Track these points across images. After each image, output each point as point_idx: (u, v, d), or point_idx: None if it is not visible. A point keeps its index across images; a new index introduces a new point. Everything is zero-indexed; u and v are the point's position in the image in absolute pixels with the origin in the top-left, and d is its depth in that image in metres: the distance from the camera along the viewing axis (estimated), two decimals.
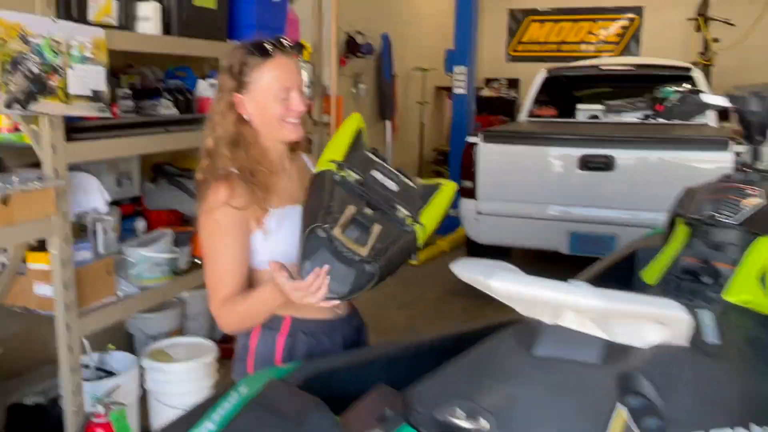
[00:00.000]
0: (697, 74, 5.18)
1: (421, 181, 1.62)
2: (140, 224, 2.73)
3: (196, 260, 2.72)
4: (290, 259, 1.44)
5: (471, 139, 4.23)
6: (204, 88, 2.91)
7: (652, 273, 1.51)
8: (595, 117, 5.46)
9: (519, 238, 4.23)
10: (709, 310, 1.27)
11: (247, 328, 1.59)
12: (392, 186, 1.52)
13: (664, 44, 8.63)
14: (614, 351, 0.98)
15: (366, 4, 5.91)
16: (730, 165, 3.65)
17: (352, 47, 5.51)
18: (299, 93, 1.56)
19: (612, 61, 6.05)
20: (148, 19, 2.33)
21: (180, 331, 3.32)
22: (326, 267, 1.34)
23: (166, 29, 2.45)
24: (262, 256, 1.56)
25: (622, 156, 3.85)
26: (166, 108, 2.55)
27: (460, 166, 4.42)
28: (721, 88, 5.23)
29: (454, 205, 1.69)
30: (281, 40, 1.56)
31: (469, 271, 1.00)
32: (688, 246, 1.50)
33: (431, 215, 1.53)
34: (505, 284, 1.00)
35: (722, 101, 1.58)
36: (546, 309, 1.03)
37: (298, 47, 1.60)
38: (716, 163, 3.68)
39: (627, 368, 0.97)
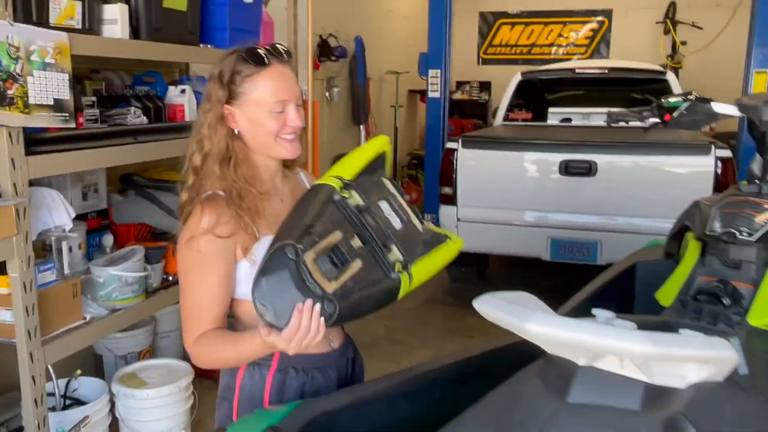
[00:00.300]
0: (671, 78, 5.19)
1: (430, 227, 1.48)
2: (108, 240, 2.57)
3: (169, 278, 2.57)
4: None
5: (450, 145, 4.13)
6: (175, 94, 2.76)
7: (667, 293, 1.43)
8: (568, 120, 5.44)
9: (500, 245, 4.15)
10: (736, 336, 1.19)
11: (226, 367, 1.47)
12: (396, 223, 1.37)
13: (633, 47, 8.69)
14: (654, 394, 0.88)
15: (339, 6, 5.79)
16: (712, 170, 3.63)
17: (325, 50, 5.38)
18: (296, 106, 1.42)
19: (586, 64, 6.03)
20: (115, 21, 2.18)
21: (151, 351, 3.16)
22: (308, 302, 1.18)
23: (134, 33, 2.29)
24: (247, 287, 1.43)
25: (604, 161, 3.80)
26: (135, 116, 2.39)
27: (437, 171, 4.33)
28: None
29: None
30: (277, 46, 1.43)
31: (497, 310, 0.89)
32: (702, 264, 1.41)
33: (425, 268, 1.38)
34: (546, 329, 0.89)
35: (732, 110, 1.50)
36: (582, 351, 0.92)
37: (288, 55, 1.46)
38: (699, 167, 3.66)
39: (670, 413, 0.87)
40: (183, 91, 2.76)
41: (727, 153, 3.62)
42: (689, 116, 1.51)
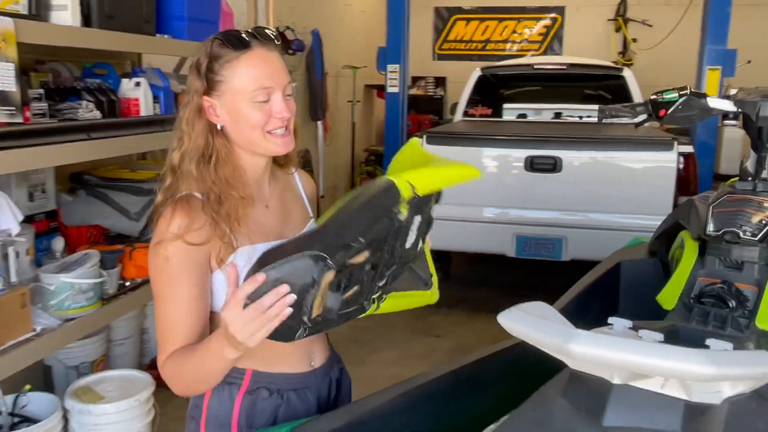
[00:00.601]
0: (629, 75, 5.24)
1: (427, 250, 1.36)
2: (58, 243, 2.39)
3: (126, 283, 2.41)
4: None
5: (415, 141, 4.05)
6: (129, 88, 2.59)
7: (668, 296, 1.38)
8: (524, 116, 5.44)
9: (465, 242, 4.09)
10: (750, 342, 1.14)
11: (201, 391, 1.30)
12: (410, 240, 1.23)
13: (585, 44, 8.80)
14: (693, 413, 0.82)
15: None
16: (674, 165, 3.66)
17: (282, 43, 5.21)
18: (283, 94, 1.27)
19: (545, 60, 6.04)
20: (65, 7, 2.01)
21: (105, 360, 2.97)
22: (284, 289, 1.06)
23: (86, 20, 2.12)
24: (223, 301, 1.27)
25: (569, 157, 3.78)
26: (87, 111, 2.22)
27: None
28: (640, 87, 5.32)
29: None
30: (262, 28, 1.29)
31: (530, 328, 0.80)
32: (702, 265, 1.37)
33: (394, 305, 1.30)
34: (594, 350, 0.80)
35: (727, 105, 1.46)
36: (619, 369, 0.84)
37: (274, 38, 1.31)
38: (662, 162, 3.68)
39: None
40: (138, 84, 2.59)
41: (689, 148, 3.66)
42: (684, 111, 1.46)
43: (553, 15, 9.09)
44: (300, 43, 5.44)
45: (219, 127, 1.29)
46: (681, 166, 3.63)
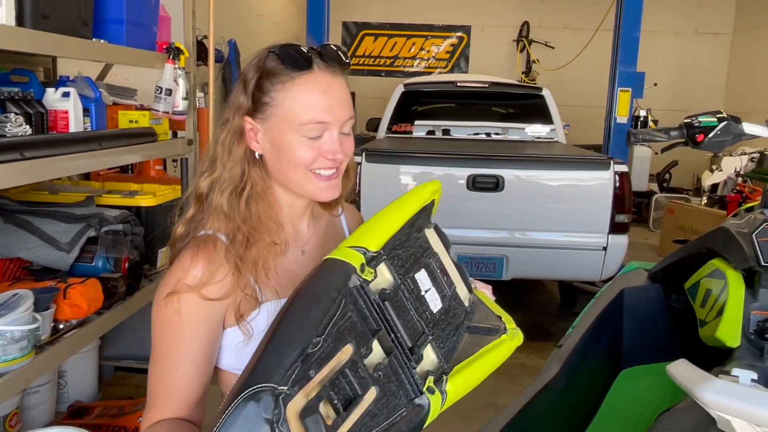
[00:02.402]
0: (548, 94, 5.37)
1: (480, 295, 1.14)
2: None
3: (60, 326, 2.06)
4: None
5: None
6: (55, 99, 2.24)
7: (729, 333, 1.31)
8: (432, 132, 5.43)
9: None
10: None
11: None
12: (434, 303, 1.02)
13: (490, 62, 9.06)
14: None
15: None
16: (611, 183, 3.74)
17: (200, 53, 4.89)
18: (340, 133, 1.07)
19: (468, 78, 6.09)
20: None
21: (18, 413, 2.56)
22: None
23: (18, 19, 1.80)
24: (233, 359, 1.09)
25: (511, 175, 3.77)
26: (16, 125, 1.89)
27: None
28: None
29: None
30: (331, 48, 1.08)
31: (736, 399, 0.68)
32: (753, 297, 1.32)
33: (467, 380, 0.99)
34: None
35: (763, 131, 1.43)
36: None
37: (345, 61, 1.09)
38: (599, 181, 3.75)
39: None
40: (66, 94, 2.26)
41: (623, 168, 3.76)
42: (721, 137, 1.41)
43: (459, 34, 9.29)
44: (219, 53, 5.14)
45: (257, 155, 1.08)
46: (617, 184, 3.72)
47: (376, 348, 0.92)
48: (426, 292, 1.02)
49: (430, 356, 0.98)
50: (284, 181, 1.10)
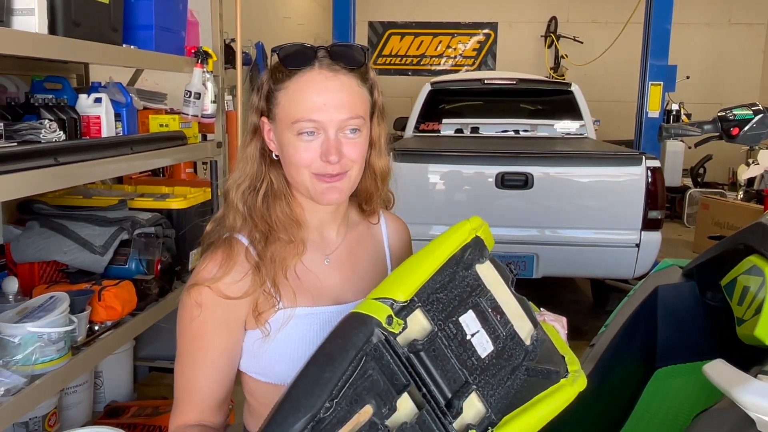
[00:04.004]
0: (577, 90, 5.30)
1: (548, 329, 1.06)
2: (11, 285, 2.05)
3: (95, 327, 2.10)
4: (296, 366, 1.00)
5: None
6: (88, 105, 2.29)
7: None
8: (461, 131, 5.41)
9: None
10: None
11: None
12: (483, 346, 0.95)
13: (518, 59, 8.98)
14: None
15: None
16: (643, 179, 3.67)
17: (228, 56, 4.94)
18: (339, 132, 1.04)
19: (495, 75, 6.05)
20: (31, 12, 1.72)
21: (56, 413, 2.62)
22: None
23: (51, 27, 1.84)
24: (257, 365, 1.09)
25: (540, 173, 3.73)
26: (50, 131, 1.92)
27: None
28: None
29: None
30: (337, 45, 1.07)
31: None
32: None
33: (525, 424, 0.93)
34: None
35: None
36: None
37: (355, 59, 1.07)
38: (631, 177, 3.69)
39: None
40: (98, 100, 2.30)
41: (656, 163, 3.69)
42: (757, 130, 1.38)
43: (486, 31, 9.23)
44: (247, 56, 5.19)
45: (275, 155, 1.09)
46: (650, 179, 3.65)
47: (404, 404, 0.87)
48: (473, 335, 0.96)
49: (474, 407, 0.92)
50: (294, 183, 1.10)
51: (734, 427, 0.94)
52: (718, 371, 1.00)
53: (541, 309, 1.14)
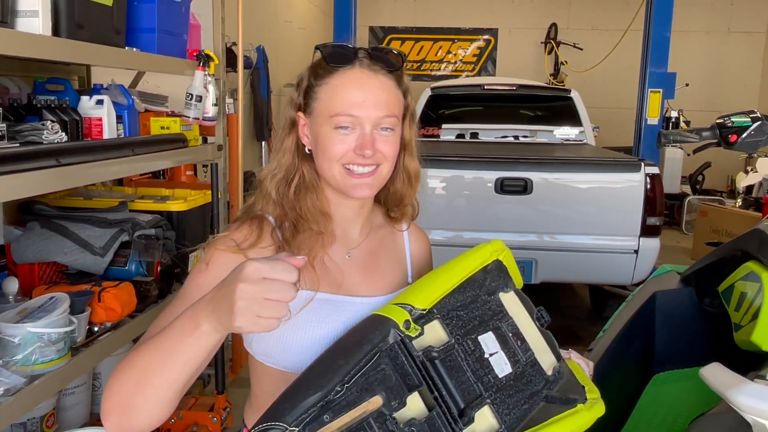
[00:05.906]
0: (576, 96, 5.32)
1: (576, 371, 1.08)
2: (11, 285, 2.06)
3: (95, 328, 2.11)
4: (308, 352, 1.01)
5: None
6: (90, 106, 2.30)
7: (765, 335, 1.28)
8: (462, 136, 5.43)
9: (435, 267, 3.96)
10: None
11: (142, 409, 0.90)
12: (503, 369, 0.98)
13: (518, 65, 9.00)
14: None
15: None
16: (642, 185, 3.68)
17: (229, 59, 4.96)
18: (373, 129, 1.08)
19: (495, 81, 6.07)
20: (35, 14, 1.73)
21: (54, 414, 2.62)
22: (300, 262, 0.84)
23: (54, 29, 1.85)
24: (261, 345, 1.09)
25: (539, 178, 3.74)
26: (52, 132, 1.93)
27: None
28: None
29: None
30: (378, 49, 1.11)
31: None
32: None
33: None
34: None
35: None
36: None
37: (392, 63, 1.11)
38: (630, 183, 3.70)
39: None
40: (100, 102, 2.31)
41: (655, 170, 3.70)
42: (755, 137, 1.39)
43: (486, 37, 9.26)
44: (248, 60, 5.20)
45: (308, 150, 1.13)
46: (648, 186, 3.66)
47: (414, 403, 0.91)
48: (491, 355, 0.99)
49: (487, 420, 0.94)
50: (324, 176, 1.12)
51: (731, 430, 0.95)
52: (715, 374, 1.01)
53: (569, 349, 1.16)
